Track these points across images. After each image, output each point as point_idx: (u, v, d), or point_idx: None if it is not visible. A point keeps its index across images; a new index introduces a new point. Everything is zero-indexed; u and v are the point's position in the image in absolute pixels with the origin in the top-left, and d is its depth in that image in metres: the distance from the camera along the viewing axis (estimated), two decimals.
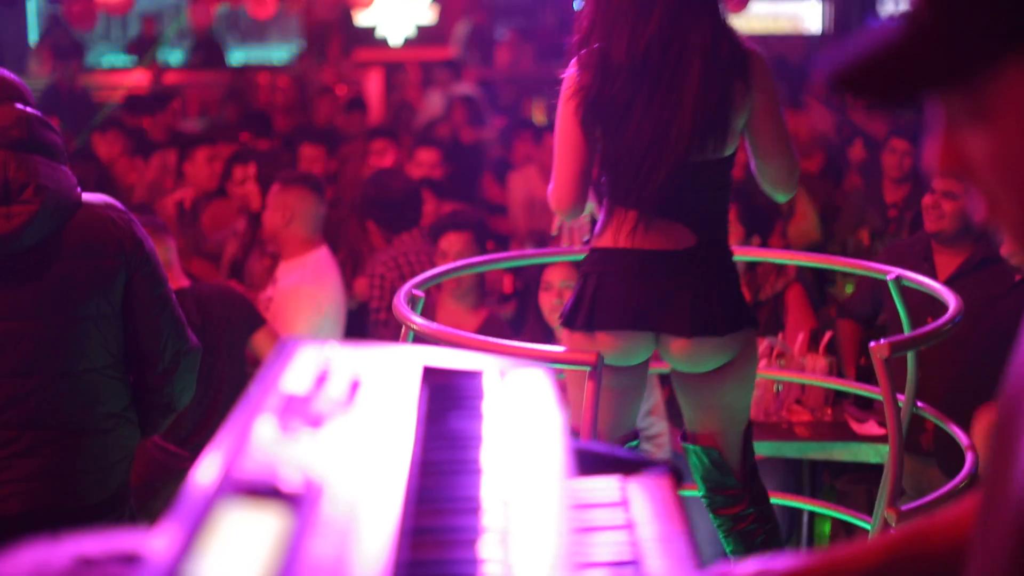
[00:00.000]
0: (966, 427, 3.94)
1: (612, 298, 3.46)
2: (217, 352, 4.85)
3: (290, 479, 1.39)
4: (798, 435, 5.05)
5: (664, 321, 3.45)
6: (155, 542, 1.26)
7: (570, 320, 3.53)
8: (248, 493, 1.36)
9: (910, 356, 3.87)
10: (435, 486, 1.48)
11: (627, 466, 2.13)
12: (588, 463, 2.13)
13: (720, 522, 3.68)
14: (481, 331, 5.10)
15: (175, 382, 3.58)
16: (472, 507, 1.41)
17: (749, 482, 3.64)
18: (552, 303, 5.12)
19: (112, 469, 3.51)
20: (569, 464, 1.60)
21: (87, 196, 3.52)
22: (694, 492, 3.75)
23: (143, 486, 4.53)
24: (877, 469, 4.61)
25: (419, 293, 3.73)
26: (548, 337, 5.09)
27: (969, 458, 3.73)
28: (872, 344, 3.29)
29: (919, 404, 3.96)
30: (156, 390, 3.58)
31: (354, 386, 1.70)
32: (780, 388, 5.17)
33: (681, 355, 3.49)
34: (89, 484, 3.46)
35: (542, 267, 5.81)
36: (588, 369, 3.19)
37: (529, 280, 6.22)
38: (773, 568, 1.54)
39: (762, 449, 4.60)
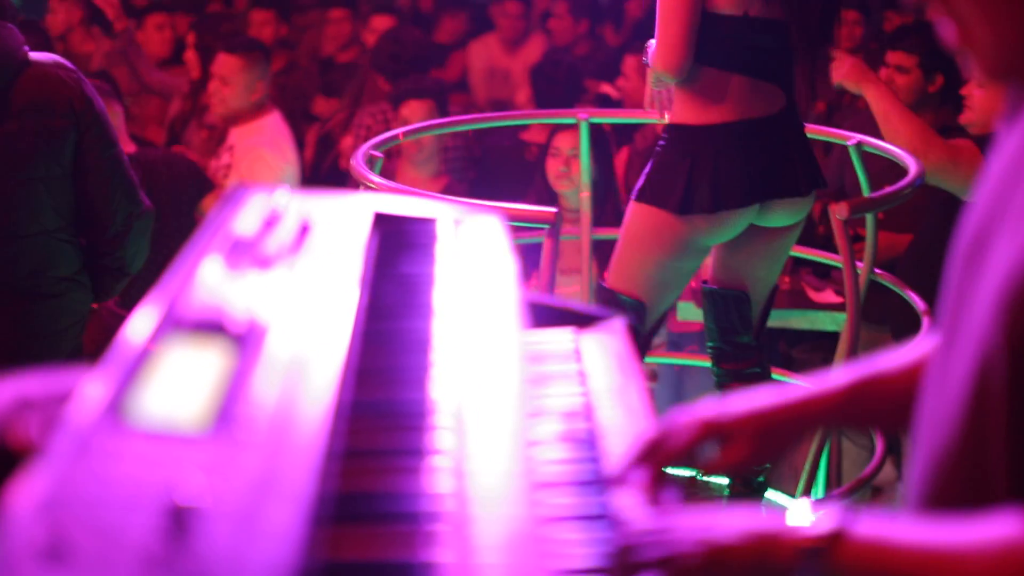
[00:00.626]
0: (924, 295, 3.95)
1: (734, 176, 3.38)
2: (166, 218, 4.80)
3: (235, 319, 1.36)
4: None
5: (778, 186, 3.41)
6: (95, 380, 1.23)
7: (686, 205, 3.40)
8: (191, 332, 1.33)
9: (869, 222, 3.86)
10: (384, 328, 1.45)
11: (581, 319, 2.11)
12: (542, 316, 2.11)
13: (721, 375, 3.68)
14: None
15: (127, 245, 3.53)
16: (421, 347, 1.38)
17: (761, 344, 3.65)
18: (559, 169, 5.08)
19: (64, 334, 3.48)
20: (522, 309, 1.57)
21: (35, 55, 3.42)
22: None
23: (96, 352, 4.49)
24: (833, 338, 4.63)
25: (377, 154, 3.68)
26: (552, 200, 5.06)
27: (925, 324, 3.74)
28: (831, 204, 3.27)
29: (877, 271, 3.97)
30: (108, 254, 3.53)
31: (304, 230, 1.67)
32: None
33: (782, 214, 3.47)
34: (40, 349, 3.43)
35: (519, 133, 5.78)
36: (547, 227, 3.16)
37: (491, 149, 6.16)
38: (729, 411, 1.52)
39: None
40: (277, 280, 1.50)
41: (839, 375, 1.53)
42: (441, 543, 1.00)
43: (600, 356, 1.96)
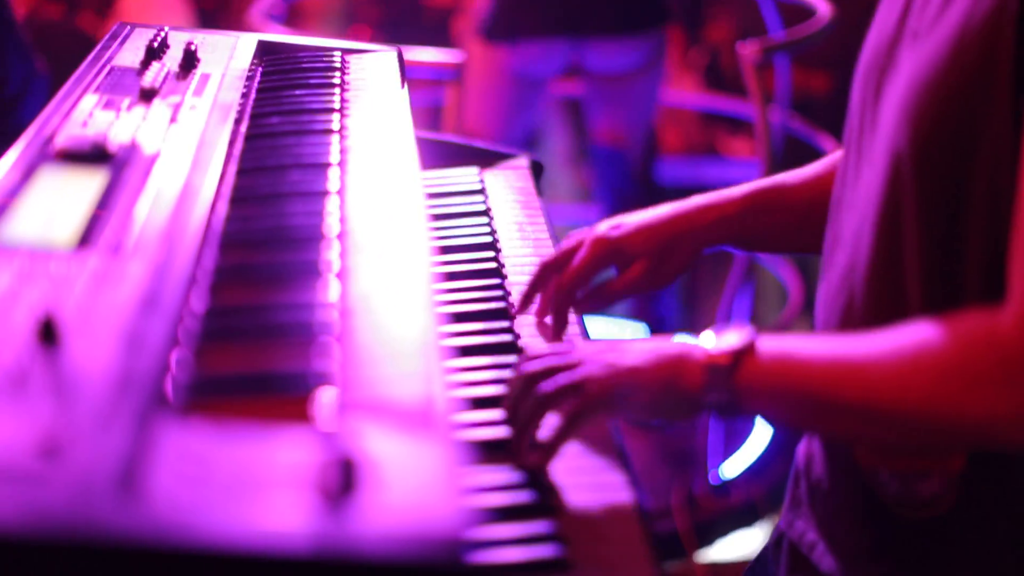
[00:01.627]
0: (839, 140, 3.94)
1: (534, 4, 3.32)
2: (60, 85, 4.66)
3: (113, 147, 1.30)
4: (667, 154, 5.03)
5: (589, 23, 3.33)
6: None
7: (491, 31, 3.37)
8: (68, 160, 1.27)
9: (784, 68, 3.82)
10: (269, 152, 1.40)
11: (487, 156, 2.07)
12: (447, 153, 2.07)
13: None
14: None
15: (25, 106, 3.42)
16: (312, 177, 1.34)
17: (651, 190, 3.62)
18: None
19: None
20: (414, 140, 1.53)
21: None
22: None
23: None
24: None
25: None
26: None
27: None
28: (740, 46, 3.20)
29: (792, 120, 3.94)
30: (5, 116, 3.41)
31: (189, 62, 1.60)
32: None
33: (607, 55, 3.40)
34: None
35: None
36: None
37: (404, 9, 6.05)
38: (624, 226, 1.48)
39: None
40: (159, 111, 1.44)
41: (739, 187, 1.50)
42: (328, 354, 0.97)
43: (505, 192, 1.93)
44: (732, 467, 3.34)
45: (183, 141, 1.35)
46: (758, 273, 4.08)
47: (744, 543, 3.17)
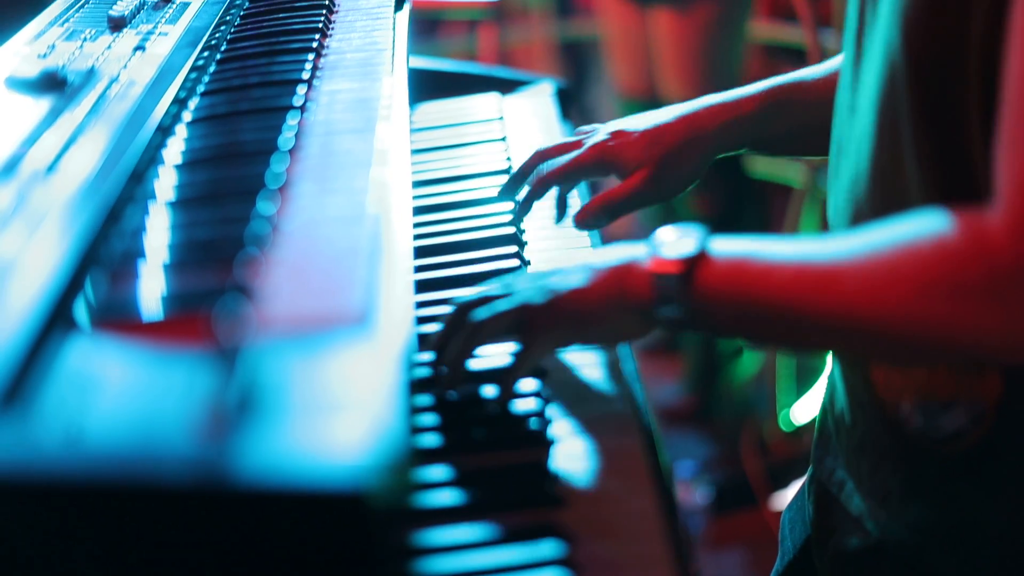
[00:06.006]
0: None
1: None
2: None
3: (68, 73, 1.21)
4: None
5: None
6: None
7: None
8: (19, 86, 1.19)
9: None
10: (238, 73, 1.30)
11: (509, 84, 1.96)
12: (465, 83, 1.95)
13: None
14: None
15: None
16: (284, 82, 1.23)
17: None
18: None
19: None
20: (405, 58, 1.41)
21: None
22: None
23: None
24: None
25: None
26: None
27: None
28: None
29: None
30: None
31: None
32: None
33: None
34: None
35: None
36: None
37: None
38: (627, 132, 1.35)
39: None
40: (126, 40, 1.35)
41: (752, 86, 1.36)
42: (252, 269, 0.86)
43: (525, 118, 1.81)
44: (802, 411, 3.20)
45: (145, 67, 1.25)
46: None
47: None
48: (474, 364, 1.10)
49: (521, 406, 1.09)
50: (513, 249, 1.39)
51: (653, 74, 3.22)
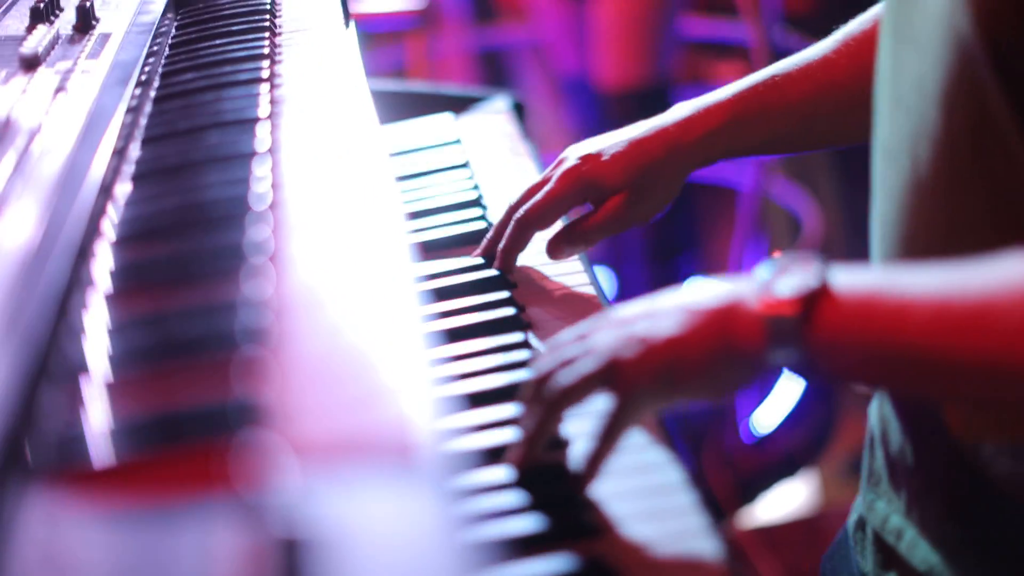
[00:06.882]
0: None
1: None
2: None
3: None
4: None
5: None
6: None
7: None
8: None
9: None
10: (182, 113, 1.11)
11: (459, 102, 1.79)
12: (415, 104, 1.78)
13: None
14: None
15: None
16: (242, 121, 1.05)
17: None
18: None
19: None
20: (365, 84, 1.24)
21: None
22: None
23: None
24: None
25: None
26: None
27: None
28: None
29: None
30: None
31: (85, 22, 1.31)
32: None
33: None
34: None
35: None
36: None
37: None
38: (604, 162, 1.22)
39: None
40: (43, 80, 1.15)
41: (727, 89, 1.23)
42: (259, 377, 0.69)
43: (485, 140, 1.64)
44: (765, 418, 3.08)
45: (70, 112, 1.06)
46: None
47: (786, 500, 2.91)
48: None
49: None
50: (505, 295, 1.22)
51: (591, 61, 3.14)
